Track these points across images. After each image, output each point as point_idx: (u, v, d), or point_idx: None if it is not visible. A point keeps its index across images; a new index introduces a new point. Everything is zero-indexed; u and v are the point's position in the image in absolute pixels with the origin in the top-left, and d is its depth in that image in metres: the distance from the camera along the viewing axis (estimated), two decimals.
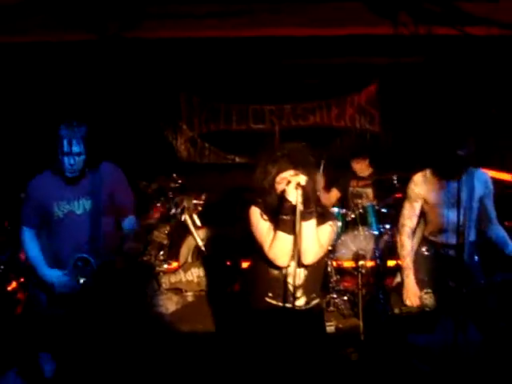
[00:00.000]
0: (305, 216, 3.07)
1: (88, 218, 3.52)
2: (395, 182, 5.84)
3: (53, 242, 3.60)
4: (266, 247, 3.19)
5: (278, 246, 3.15)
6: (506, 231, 3.96)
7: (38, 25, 6.31)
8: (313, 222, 3.12)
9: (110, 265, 3.53)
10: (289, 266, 3.17)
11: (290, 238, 3.12)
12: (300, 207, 3.01)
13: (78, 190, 3.55)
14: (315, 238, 3.15)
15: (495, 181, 6.50)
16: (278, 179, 3.19)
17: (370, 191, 6.49)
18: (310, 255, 3.16)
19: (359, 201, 6.19)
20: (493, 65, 6.72)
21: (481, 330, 3.80)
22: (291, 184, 3.06)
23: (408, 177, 4.15)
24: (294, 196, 3.03)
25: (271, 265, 3.22)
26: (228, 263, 6.59)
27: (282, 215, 3.11)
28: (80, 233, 3.51)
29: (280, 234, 3.12)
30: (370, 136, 8.21)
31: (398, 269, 4.10)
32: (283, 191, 3.10)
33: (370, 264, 5.69)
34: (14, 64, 6.91)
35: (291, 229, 3.09)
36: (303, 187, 3.03)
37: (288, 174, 3.15)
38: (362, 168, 6.56)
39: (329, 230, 3.27)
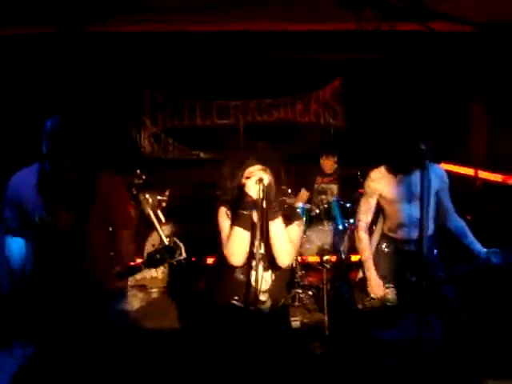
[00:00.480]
0: (271, 215, 3.01)
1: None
2: (359, 177, 5.89)
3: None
4: (224, 245, 3.15)
5: (233, 241, 3.08)
6: (467, 224, 4.01)
7: None
8: (279, 220, 3.06)
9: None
10: (255, 270, 3.05)
11: (247, 234, 3.07)
12: (262, 203, 2.93)
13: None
14: (286, 237, 3.09)
15: (457, 175, 6.66)
16: (245, 175, 3.13)
17: (334, 187, 6.53)
18: (286, 256, 3.12)
19: (324, 197, 6.22)
20: (455, 60, 6.81)
21: (443, 323, 3.85)
22: (252, 178, 3.00)
23: None
24: (255, 191, 2.96)
25: (235, 269, 3.18)
26: (193, 259, 6.57)
27: (240, 209, 3.06)
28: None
29: (236, 229, 3.06)
30: (333, 131, 8.25)
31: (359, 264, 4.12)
32: (244, 185, 3.05)
33: (334, 259, 5.71)
34: None
35: (249, 225, 3.05)
36: (266, 185, 2.96)
37: (254, 168, 3.10)
38: (330, 165, 6.59)
39: (297, 229, 3.23)
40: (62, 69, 7.21)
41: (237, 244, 3.09)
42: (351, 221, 5.86)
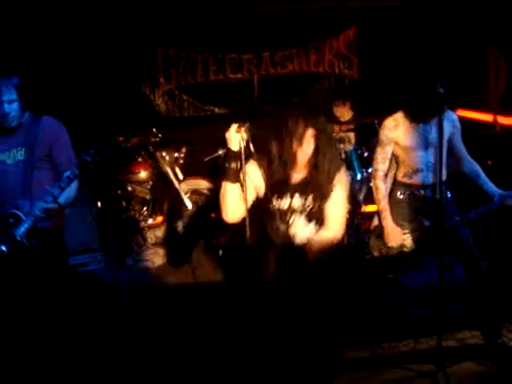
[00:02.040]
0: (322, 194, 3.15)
1: (20, 169, 3.35)
2: (376, 125, 5.82)
3: None
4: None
5: (224, 197, 3.11)
6: (488, 170, 3.97)
7: None
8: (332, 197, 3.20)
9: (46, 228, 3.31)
10: (294, 224, 3.18)
11: (234, 187, 3.07)
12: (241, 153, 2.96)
13: (12, 140, 3.39)
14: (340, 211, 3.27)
15: (476, 121, 6.58)
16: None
17: (352, 135, 6.47)
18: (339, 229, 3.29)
19: (342, 146, 6.16)
20: (471, 5, 6.67)
21: (465, 269, 3.85)
22: (231, 129, 3.03)
23: None
24: (236, 142, 3.00)
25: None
26: (213, 215, 6.60)
27: (226, 164, 3.09)
28: (10, 184, 3.34)
29: (224, 183, 3.09)
30: (348, 81, 8.16)
31: (376, 213, 4.10)
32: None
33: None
34: None
35: (235, 178, 3.06)
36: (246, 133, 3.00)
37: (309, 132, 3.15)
38: (343, 113, 6.53)
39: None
40: (73, 29, 7.15)
41: (227, 199, 3.11)
42: (369, 170, 5.83)
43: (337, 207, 3.27)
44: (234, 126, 3.01)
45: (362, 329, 4.06)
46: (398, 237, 3.92)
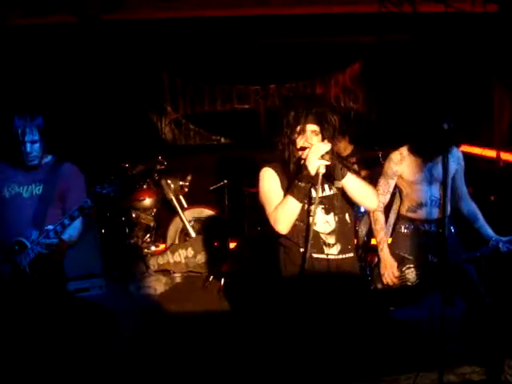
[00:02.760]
0: (339, 177, 3.01)
1: (35, 202, 3.47)
2: (380, 158, 5.85)
3: (0, 226, 3.53)
4: (270, 208, 3.10)
5: (284, 210, 3.03)
6: (491, 205, 4.00)
7: (17, 8, 6.24)
8: (349, 176, 3.04)
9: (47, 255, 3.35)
10: (313, 214, 3.06)
11: (299, 206, 3.03)
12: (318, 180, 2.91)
13: (31, 176, 3.51)
14: (362, 184, 3.11)
15: (479, 157, 6.61)
16: (297, 130, 3.09)
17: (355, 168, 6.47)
18: (371, 200, 3.17)
19: None
20: (476, 41, 6.73)
21: (467, 303, 3.85)
22: (313, 153, 2.93)
23: None
24: (315, 167, 2.92)
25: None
26: (216, 244, 6.62)
27: (297, 181, 2.99)
28: (24, 217, 3.44)
29: (290, 198, 3.00)
30: (354, 115, 8.21)
31: None
32: (304, 159, 2.98)
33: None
34: None
35: (303, 198, 3.02)
36: (328, 159, 2.92)
37: (310, 128, 3.07)
38: (342, 147, 6.55)
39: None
40: (80, 58, 7.24)
41: (287, 213, 3.05)
42: None
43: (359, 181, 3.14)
44: (319, 151, 2.92)
45: (362, 361, 4.04)
46: (393, 270, 3.92)
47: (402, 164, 3.92)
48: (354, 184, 3.06)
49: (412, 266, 3.94)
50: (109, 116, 7.47)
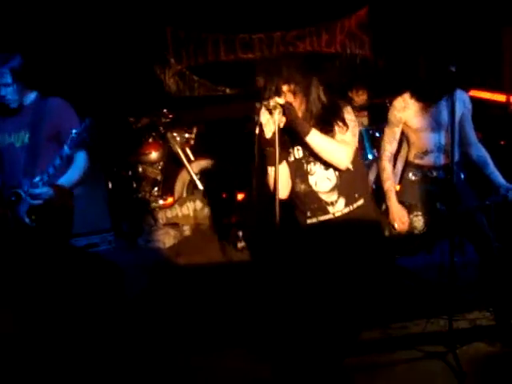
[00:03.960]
0: (302, 133, 2.90)
1: (24, 152, 3.41)
2: (388, 105, 5.76)
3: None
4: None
5: (270, 180, 2.99)
6: (502, 150, 3.93)
7: None
8: (314, 133, 2.92)
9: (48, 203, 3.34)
10: (313, 173, 3.04)
11: (281, 167, 2.94)
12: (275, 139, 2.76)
13: (18, 121, 3.45)
14: (331, 144, 2.96)
15: (489, 102, 6.51)
16: (273, 90, 2.94)
17: (365, 120, 6.40)
18: (340, 161, 2.98)
19: None
20: None
21: (476, 250, 3.83)
22: (262, 114, 2.82)
23: None
24: (269, 129, 2.82)
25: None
26: (223, 195, 6.61)
27: (261, 150, 2.90)
28: (17, 166, 3.41)
29: (272, 168, 2.91)
30: (360, 60, 8.09)
31: None
32: (260, 124, 2.85)
33: None
34: None
35: (274, 162, 2.85)
36: (285, 110, 2.81)
37: (284, 88, 2.93)
38: (362, 100, 6.45)
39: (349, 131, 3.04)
40: (85, 8, 7.13)
41: (271, 181, 2.96)
42: None
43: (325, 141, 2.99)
44: (265, 111, 2.81)
45: (372, 309, 4.06)
46: (403, 218, 3.89)
47: (405, 111, 3.84)
48: (318, 141, 2.94)
49: (420, 213, 3.90)
50: (112, 70, 7.39)
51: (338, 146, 2.98)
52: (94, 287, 3.61)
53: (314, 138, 2.93)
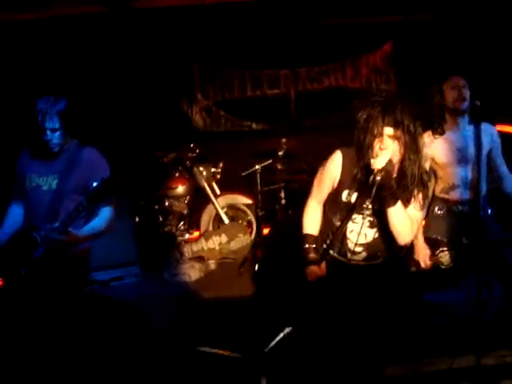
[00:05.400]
0: (390, 202, 2.80)
1: (51, 196, 3.42)
2: None
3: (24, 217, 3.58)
4: (311, 196, 3.07)
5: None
6: None
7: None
8: (398, 206, 2.81)
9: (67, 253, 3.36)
10: (356, 222, 2.98)
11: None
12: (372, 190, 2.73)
13: (51, 165, 3.46)
14: (406, 219, 2.85)
15: None
16: (374, 132, 2.83)
17: None
18: (406, 237, 2.92)
19: None
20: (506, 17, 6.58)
21: (504, 286, 3.78)
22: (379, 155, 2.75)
23: None
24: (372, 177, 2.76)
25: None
26: (249, 230, 6.61)
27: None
28: (40, 210, 3.42)
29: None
30: (386, 95, 8.10)
31: None
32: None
33: None
34: (23, 40, 6.91)
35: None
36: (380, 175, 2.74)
37: (387, 132, 2.80)
38: None
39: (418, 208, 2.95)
40: (111, 47, 7.29)
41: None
42: None
43: (403, 217, 2.90)
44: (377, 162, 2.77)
45: (400, 344, 4.01)
46: (427, 257, 3.86)
47: (431, 146, 3.84)
48: (397, 216, 2.84)
49: (445, 249, 3.87)
50: (139, 105, 7.51)
51: (410, 224, 2.88)
52: (109, 332, 3.61)
53: (396, 212, 2.82)
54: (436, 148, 3.84)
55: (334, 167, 3.03)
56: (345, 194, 3.02)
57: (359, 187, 2.93)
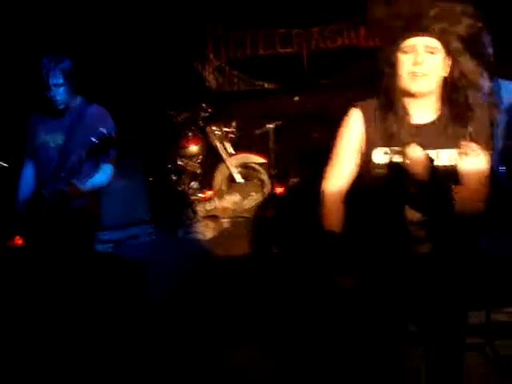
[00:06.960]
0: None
1: (57, 153, 3.49)
2: None
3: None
4: (328, 167, 2.37)
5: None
6: None
7: None
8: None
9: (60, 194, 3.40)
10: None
11: None
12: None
13: (58, 123, 3.53)
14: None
15: None
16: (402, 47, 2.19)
17: None
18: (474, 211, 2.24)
19: None
20: None
21: None
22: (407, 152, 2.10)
23: None
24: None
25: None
26: (262, 189, 6.64)
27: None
28: (48, 167, 3.50)
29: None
30: None
31: None
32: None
33: None
34: None
35: None
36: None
37: (423, 43, 2.13)
38: None
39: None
40: (125, 4, 7.24)
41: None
42: None
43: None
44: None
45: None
46: None
47: None
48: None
49: None
50: (154, 65, 7.49)
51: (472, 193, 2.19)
52: (112, 291, 3.67)
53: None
54: None
55: (351, 133, 2.36)
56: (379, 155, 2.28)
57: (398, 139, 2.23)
